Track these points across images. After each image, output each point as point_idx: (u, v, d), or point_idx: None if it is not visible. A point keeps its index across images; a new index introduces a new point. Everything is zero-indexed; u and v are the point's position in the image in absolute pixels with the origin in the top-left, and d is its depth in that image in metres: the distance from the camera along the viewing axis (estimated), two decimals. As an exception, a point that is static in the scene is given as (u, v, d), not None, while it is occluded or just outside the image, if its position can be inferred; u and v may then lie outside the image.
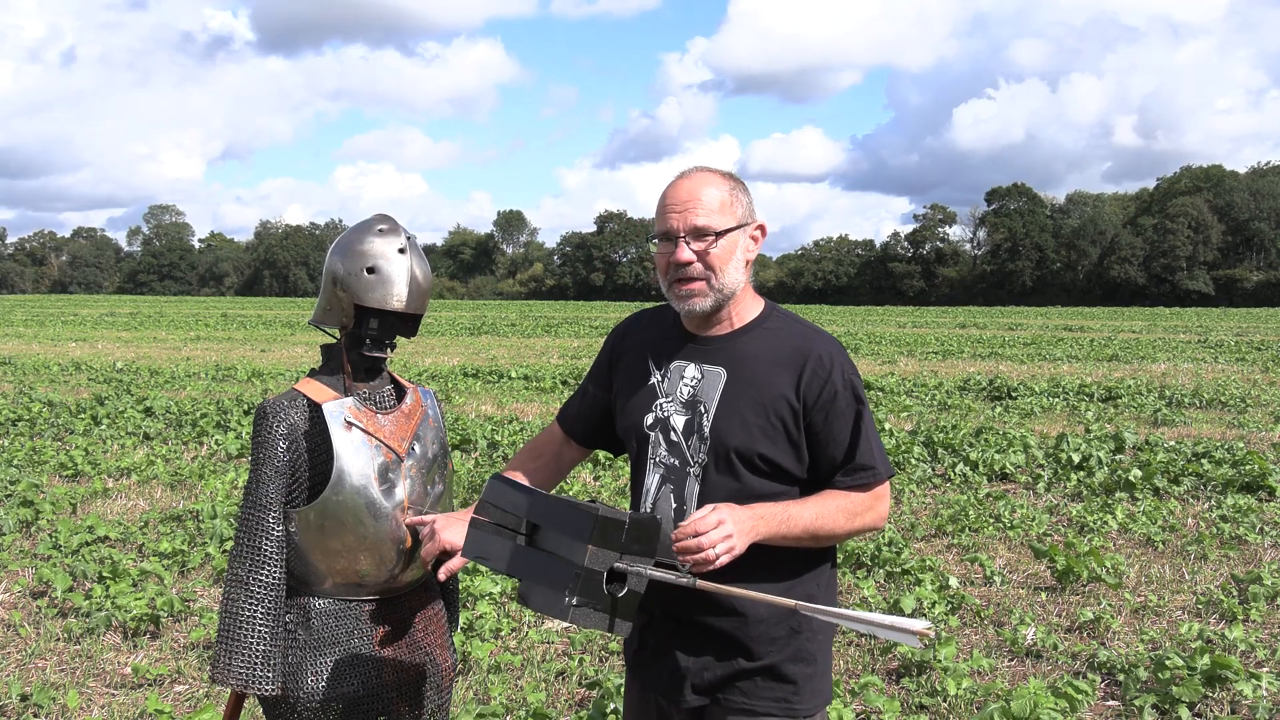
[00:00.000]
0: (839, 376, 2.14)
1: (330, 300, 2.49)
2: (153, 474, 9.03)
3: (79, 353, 24.53)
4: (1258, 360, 23.26)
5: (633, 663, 2.33)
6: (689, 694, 2.18)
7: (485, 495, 2.13)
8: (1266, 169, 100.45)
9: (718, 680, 2.16)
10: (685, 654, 2.17)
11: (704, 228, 2.13)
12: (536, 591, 1.99)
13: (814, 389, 2.12)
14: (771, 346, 2.18)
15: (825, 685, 2.22)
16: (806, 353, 2.15)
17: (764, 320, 2.24)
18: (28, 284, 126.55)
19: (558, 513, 1.97)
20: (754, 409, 2.13)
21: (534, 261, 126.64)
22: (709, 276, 2.15)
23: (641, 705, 2.33)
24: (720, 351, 2.20)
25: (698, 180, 2.18)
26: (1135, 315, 58.39)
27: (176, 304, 73.66)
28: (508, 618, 5.41)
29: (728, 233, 2.14)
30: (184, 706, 4.46)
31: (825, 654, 2.22)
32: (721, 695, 2.16)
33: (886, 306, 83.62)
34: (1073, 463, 9.55)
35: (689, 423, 2.18)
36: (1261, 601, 5.72)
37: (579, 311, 61.34)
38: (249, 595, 2.38)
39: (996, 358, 24.49)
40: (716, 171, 2.21)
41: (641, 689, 2.32)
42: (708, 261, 2.14)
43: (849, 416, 2.13)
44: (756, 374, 2.15)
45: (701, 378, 2.19)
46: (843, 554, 6.50)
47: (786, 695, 2.15)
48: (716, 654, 2.16)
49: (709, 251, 2.13)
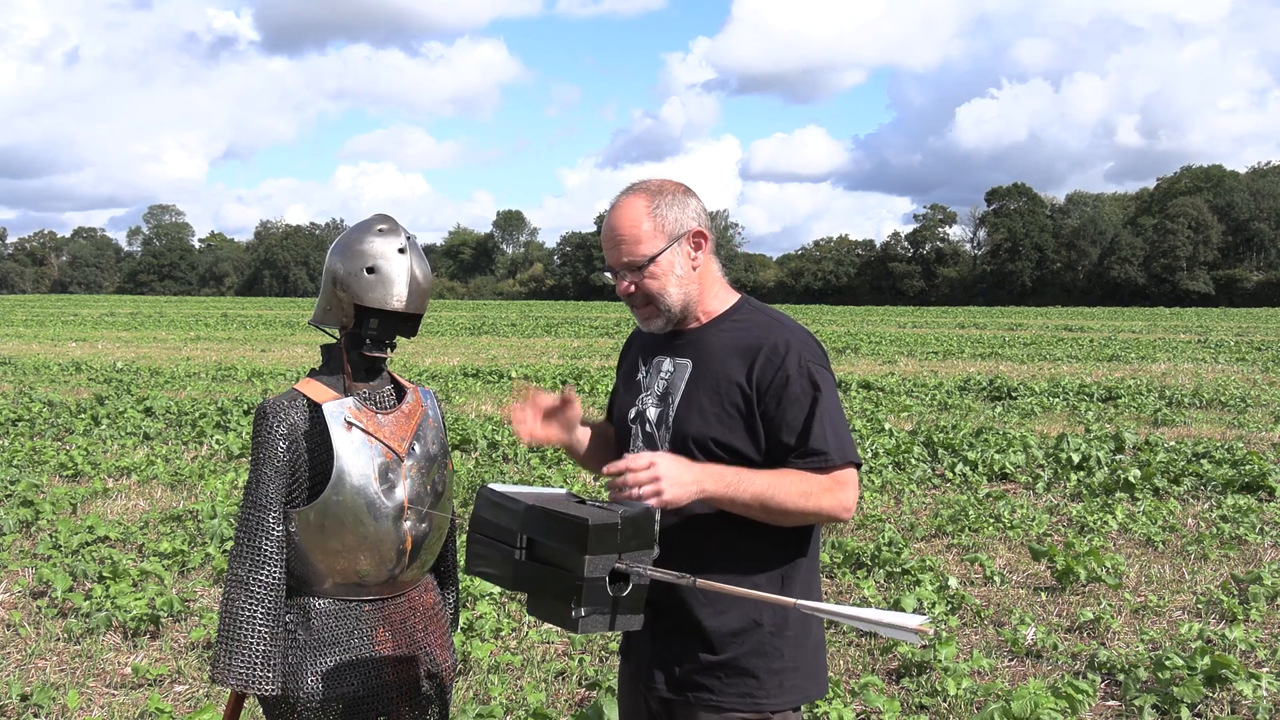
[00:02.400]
0: (793, 363, 2.15)
1: (330, 300, 2.49)
2: (153, 474, 9.03)
3: (79, 353, 24.54)
4: (1258, 360, 23.26)
5: (623, 647, 2.41)
6: (660, 684, 2.23)
7: (477, 510, 2.13)
8: (1267, 169, 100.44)
9: (685, 673, 2.20)
10: (658, 643, 2.22)
11: (631, 261, 2.20)
12: (543, 604, 1.99)
13: (766, 375, 2.15)
14: (734, 338, 2.23)
15: (799, 683, 2.21)
16: (763, 341, 2.19)
17: (733, 314, 2.28)
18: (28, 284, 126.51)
19: (550, 525, 1.96)
20: (710, 397, 2.19)
21: (534, 261, 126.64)
22: (653, 301, 2.23)
23: (631, 688, 2.38)
24: (689, 345, 2.27)
25: (619, 213, 2.23)
26: (1135, 315, 58.40)
27: (176, 304, 73.67)
28: (508, 618, 5.41)
29: (656, 257, 2.20)
30: (184, 706, 4.46)
31: (797, 651, 2.21)
32: (690, 692, 2.19)
33: (886, 306, 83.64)
34: (1073, 463, 9.55)
35: (660, 414, 2.26)
36: (1261, 601, 5.72)
37: (579, 311, 61.33)
38: (249, 595, 2.38)
39: (996, 358, 24.50)
40: (641, 193, 2.24)
41: (631, 674, 2.37)
42: (643, 289, 2.22)
43: (804, 402, 2.13)
44: (716, 363, 2.21)
45: (673, 370, 2.27)
46: (842, 554, 6.51)
47: (750, 690, 2.17)
48: (684, 645, 2.20)
49: (642, 280, 2.21)
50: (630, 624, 1.98)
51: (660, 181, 2.27)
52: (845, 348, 27.51)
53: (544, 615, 2.00)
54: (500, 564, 2.06)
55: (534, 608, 2.02)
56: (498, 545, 2.06)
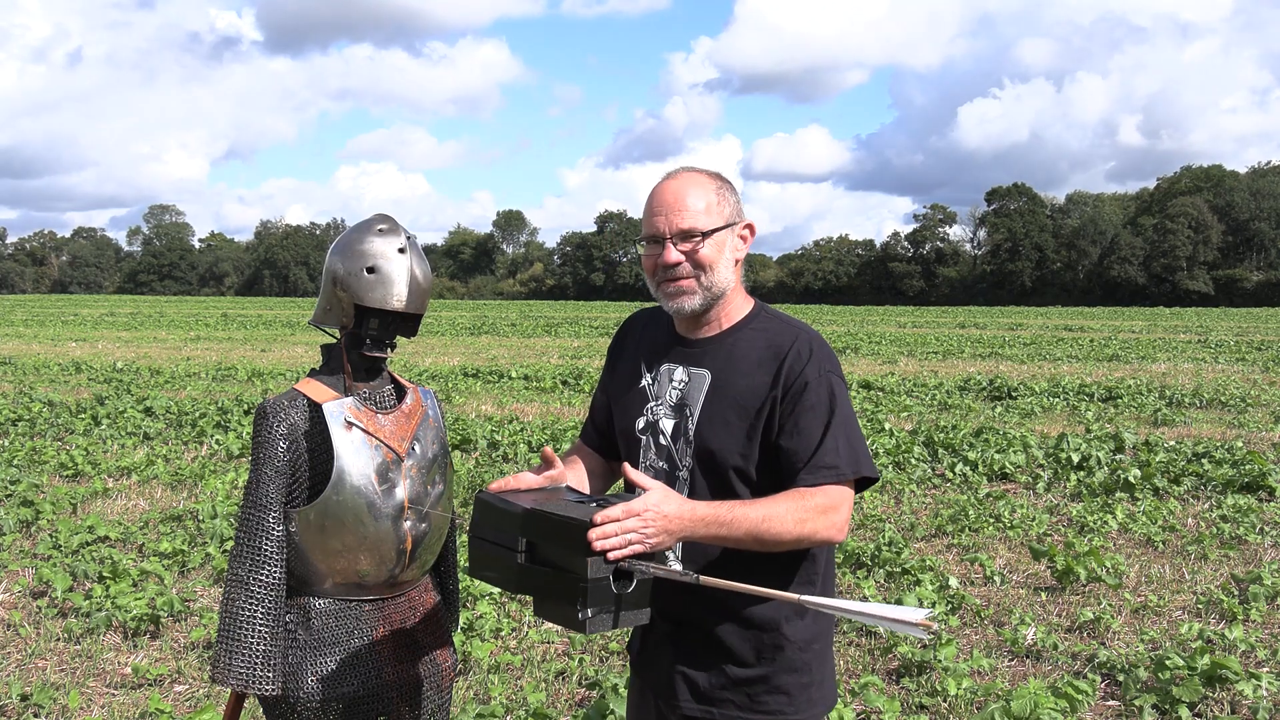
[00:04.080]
0: (813, 370, 2.11)
1: (330, 300, 2.49)
2: (153, 474, 9.03)
3: (79, 353, 24.53)
4: (1258, 360, 23.25)
5: (636, 662, 2.33)
6: (684, 700, 2.17)
7: (476, 515, 2.12)
8: (1267, 169, 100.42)
9: (711, 688, 2.14)
10: (680, 658, 2.17)
11: (690, 229, 2.13)
12: (549, 606, 1.98)
13: (791, 378, 2.10)
14: (755, 347, 2.17)
15: (824, 694, 2.20)
16: (788, 344, 2.14)
17: (750, 321, 2.23)
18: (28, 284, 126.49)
19: (550, 528, 1.96)
20: (735, 410, 2.12)
21: (534, 261, 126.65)
22: (698, 275, 2.15)
23: (642, 704, 2.33)
24: (706, 354, 2.20)
25: (683, 181, 2.18)
26: (1135, 315, 58.38)
27: (176, 304, 73.66)
28: (508, 618, 5.41)
29: (715, 232, 2.14)
30: (184, 706, 4.46)
31: (820, 663, 2.20)
32: (717, 708, 2.14)
33: (886, 306, 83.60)
34: (1073, 463, 9.55)
35: (676, 426, 2.19)
36: (1261, 601, 5.72)
37: (579, 311, 61.33)
38: (249, 595, 2.38)
39: (996, 358, 24.49)
40: (703, 172, 2.21)
41: (642, 688, 2.32)
42: (696, 260, 2.14)
43: (819, 412, 2.08)
44: (739, 375, 2.15)
45: (688, 380, 2.19)
46: (842, 554, 6.50)
47: (782, 706, 2.13)
48: (710, 660, 2.15)
49: (697, 251, 2.14)
50: (637, 619, 1.97)
51: (715, 170, 2.24)
52: (845, 348, 27.50)
53: (551, 617, 1.99)
54: (502, 568, 2.05)
55: (540, 609, 2.01)
56: (499, 549, 2.05)
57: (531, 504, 2.02)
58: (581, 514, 1.92)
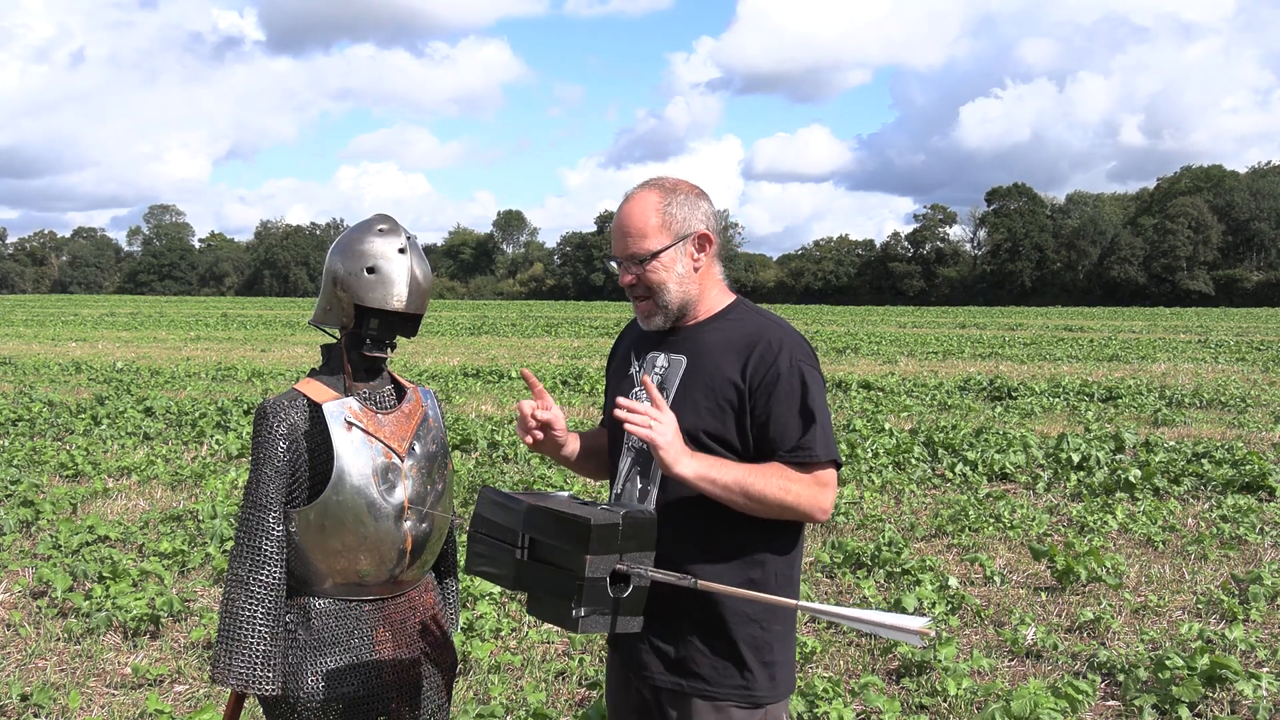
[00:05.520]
0: (785, 361, 2.19)
1: (330, 300, 2.49)
2: (153, 474, 9.03)
3: (79, 353, 24.53)
4: (1258, 360, 23.26)
5: (611, 637, 2.41)
6: (655, 672, 2.24)
7: (479, 509, 2.13)
8: (1267, 169, 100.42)
9: (679, 660, 2.21)
10: (652, 631, 2.22)
11: (635, 254, 2.24)
12: (544, 603, 2.00)
13: (759, 372, 2.19)
14: (729, 335, 2.26)
15: (785, 677, 2.27)
16: (757, 339, 2.23)
17: (728, 313, 2.32)
18: (28, 284, 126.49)
19: (553, 525, 1.97)
20: (704, 392, 2.22)
21: (534, 261, 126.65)
22: (652, 296, 2.26)
23: (621, 679, 2.39)
24: (685, 341, 2.30)
25: (632, 204, 2.27)
26: (1135, 315, 58.39)
27: (177, 304, 73.67)
28: (508, 618, 5.41)
29: (661, 253, 2.23)
30: (184, 706, 4.46)
31: (783, 646, 2.27)
32: (685, 680, 2.21)
33: (886, 306, 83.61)
34: (1073, 463, 9.55)
35: None
36: (1261, 601, 5.72)
37: (579, 311, 61.33)
38: (249, 595, 2.38)
39: (996, 358, 24.49)
40: (655, 188, 2.28)
41: (618, 663, 2.38)
42: (645, 282, 2.25)
43: (792, 400, 2.17)
44: (710, 360, 2.25)
45: (668, 365, 2.30)
46: (842, 554, 6.51)
47: (746, 682, 2.21)
48: (678, 632, 2.22)
49: (645, 274, 2.24)
50: (630, 626, 1.99)
51: (675, 180, 2.30)
52: (845, 348, 27.50)
53: (544, 615, 2.00)
54: (502, 563, 2.07)
55: (534, 607, 2.02)
56: (499, 545, 2.07)
57: (536, 502, 2.04)
58: (585, 513, 1.93)
